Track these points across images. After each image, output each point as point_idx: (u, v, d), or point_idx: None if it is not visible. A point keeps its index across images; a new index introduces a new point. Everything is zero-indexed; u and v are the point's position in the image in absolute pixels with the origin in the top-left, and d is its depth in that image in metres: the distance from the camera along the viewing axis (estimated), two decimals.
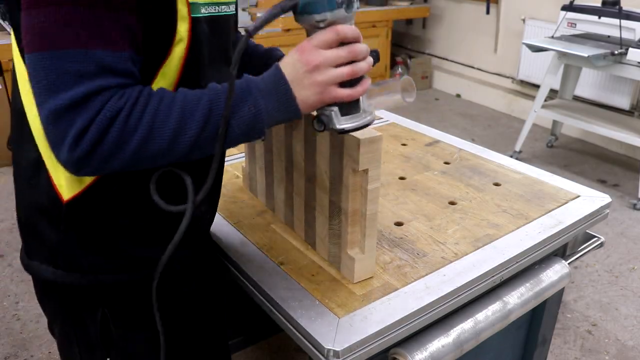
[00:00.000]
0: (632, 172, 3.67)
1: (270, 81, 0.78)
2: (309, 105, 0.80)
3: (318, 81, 0.78)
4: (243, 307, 1.82)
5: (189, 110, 0.74)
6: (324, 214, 1.05)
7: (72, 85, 0.69)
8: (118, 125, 0.71)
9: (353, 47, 0.79)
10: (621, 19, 3.21)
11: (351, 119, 0.83)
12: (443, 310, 1.01)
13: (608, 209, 1.34)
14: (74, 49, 0.69)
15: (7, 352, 2.09)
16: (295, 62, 0.78)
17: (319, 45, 0.78)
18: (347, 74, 0.79)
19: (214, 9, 0.85)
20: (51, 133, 0.71)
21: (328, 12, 0.76)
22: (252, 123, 0.77)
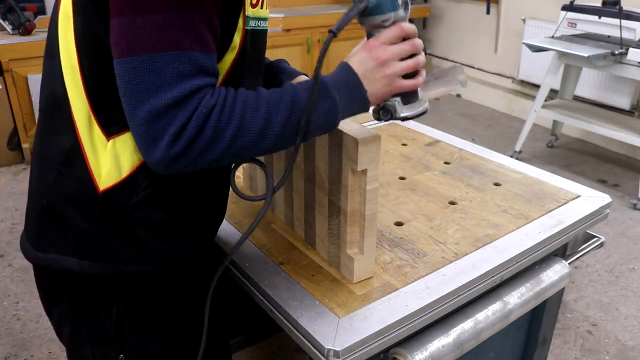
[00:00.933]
0: (633, 172, 3.67)
1: (342, 77, 0.85)
2: (378, 97, 0.88)
3: (388, 74, 0.86)
4: (243, 307, 1.82)
5: (274, 105, 0.80)
6: (323, 213, 1.05)
7: (172, 86, 0.73)
8: (213, 121, 0.76)
9: (414, 41, 0.88)
10: (621, 18, 3.20)
11: (411, 108, 0.92)
12: (443, 310, 1.01)
13: (608, 209, 1.34)
14: (174, 51, 0.73)
15: (7, 352, 2.09)
16: (364, 59, 0.86)
17: (386, 41, 0.86)
18: (412, 66, 0.88)
19: (256, 23, 0.91)
20: (145, 134, 0.75)
21: (392, 12, 0.85)
22: (329, 116, 0.84)
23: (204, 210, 0.99)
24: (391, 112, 0.91)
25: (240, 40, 0.87)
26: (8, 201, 3.23)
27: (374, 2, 0.84)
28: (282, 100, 0.81)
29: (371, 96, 0.87)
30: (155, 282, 0.97)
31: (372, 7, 0.84)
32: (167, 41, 0.73)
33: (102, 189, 0.87)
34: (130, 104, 0.75)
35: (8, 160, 3.73)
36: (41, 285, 1.01)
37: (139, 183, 0.87)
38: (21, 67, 3.49)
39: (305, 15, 4.51)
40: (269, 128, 0.79)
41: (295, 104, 0.81)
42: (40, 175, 0.94)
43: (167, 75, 0.73)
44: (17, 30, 3.52)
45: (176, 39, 0.73)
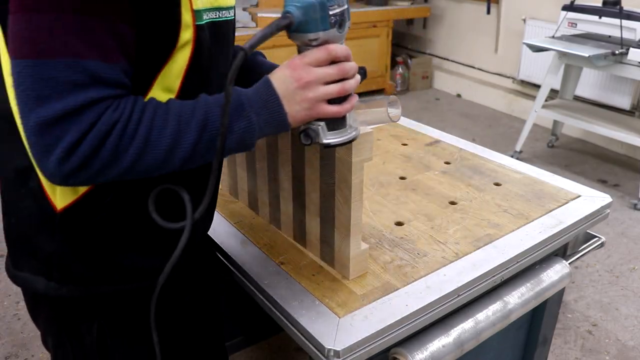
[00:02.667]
0: (633, 172, 3.67)
1: (262, 96, 0.79)
2: (297, 120, 0.82)
3: (309, 97, 0.80)
4: (243, 307, 1.82)
5: (184, 123, 0.74)
6: (314, 212, 1.05)
7: (63, 96, 0.66)
8: (113, 139, 0.69)
9: (343, 65, 0.81)
10: (622, 18, 3.20)
11: (337, 134, 0.86)
12: (443, 310, 1.01)
13: (609, 209, 1.34)
14: (66, 58, 0.66)
15: (7, 352, 2.09)
16: (286, 78, 0.80)
17: (310, 62, 0.80)
18: (336, 91, 0.81)
19: (215, 14, 0.85)
20: (36, 144, 0.68)
21: (321, 32, 0.79)
22: (244, 137, 0.78)
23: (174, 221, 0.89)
24: (311, 137, 0.85)
25: (192, 37, 0.79)
26: None
27: (299, 19, 0.77)
28: (193, 118, 0.75)
29: (291, 118, 0.81)
30: (131, 299, 0.93)
31: (297, 24, 0.78)
32: (58, 46, 0.66)
33: (59, 209, 0.82)
34: (20, 109, 0.68)
35: None
36: (25, 299, 0.99)
37: (100, 200, 0.83)
38: None
39: None
40: (177, 147, 0.74)
41: (207, 123, 0.75)
42: (5, 194, 0.90)
43: (58, 84, 0.66)
44: None
45: (68, 45, 0.66)
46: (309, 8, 0.77)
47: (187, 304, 1.05)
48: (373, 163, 1.53)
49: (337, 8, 0.79)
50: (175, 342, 1.03)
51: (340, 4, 0.79)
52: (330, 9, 0.78)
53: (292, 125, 0.82)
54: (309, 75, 0.79)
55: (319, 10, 0.77)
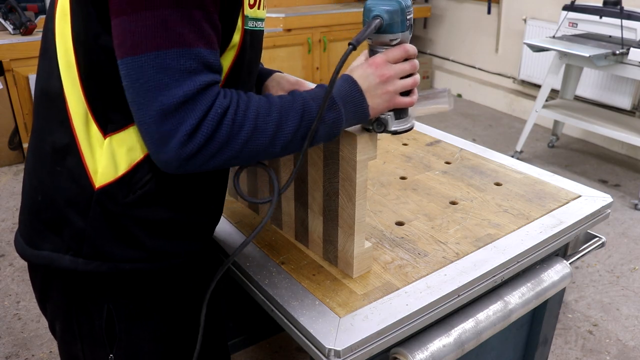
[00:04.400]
0: (634, 172, 3.67)
1: (348, 90, 0.88)
2: (377, 111, 0.92)
3: (389, 90, 0.91)
4: (244, 307, 1.82)
5: (285, 112, 0.82)
6: (317, 211, 1.05)
7: (180, 83, 0.73)
8: (228, 123, 0.76)
9: (414, 62, 0.93)
10: (622, 18, 3.20)
11: (401, 123, 0.97)
12: (444, 310, 1.01)
13: (609, 209, 1.34)
14: (179, 48, 0.73)
15: (8, 352, 2.10)
16: (369, 75, 0.90)
17: (390, 60, 0.91)
18: (410, 84, 0.93)
19: (254, 24, 0.92)
20: (156, 133, 0.74)
21: (400, 33, 0.90)
22: (334, 127, 0.87)
23: (201, 210, 0.99)
24: (384, 125, 0.95)
25: (239, 39, 0.87)
26: (9, 201, 3.23)
27: (387, 21, 0.88)
28: (292, 108, 0.83)
29: (371, 110, 0.90)
30: (149, 280, 0.97)
31: (385, 25, 0.89)
32: (171, 38, 0.72)
33: (97, 187, 0.86)
34: (138, 103, 0.74)
35: (9, 159, 3.73)
36: (35, 282, 1.01)
37: (136, 181, 0.87)
38: (22, 66, 3.50)
39: (306, 15, 4.51)
40: (280, 133, 0.81)
41: (305, 113, 0.83)
42: (35, 171, 0.93)
43: (175, 72, 0.73)
44: (18, 30, 3.52)
45: (180, 36, 0.73)
46: (395, 12, 0.88)
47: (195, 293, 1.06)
48: (373, 163, 1.53)
49: (410, 13, 0.91)
50: (181, 329, 1.04)
51: (412, 10, 0.92)
52: (407, 13, 0.90)
53: (371, 116, 0.92)
54: (390, 71, 0.90)
55: (400, 15, 0.88)
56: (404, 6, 0.89)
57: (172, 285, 1.00)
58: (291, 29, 4.44)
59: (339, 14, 4.68)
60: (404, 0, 0.89)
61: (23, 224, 0.98)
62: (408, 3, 0.90)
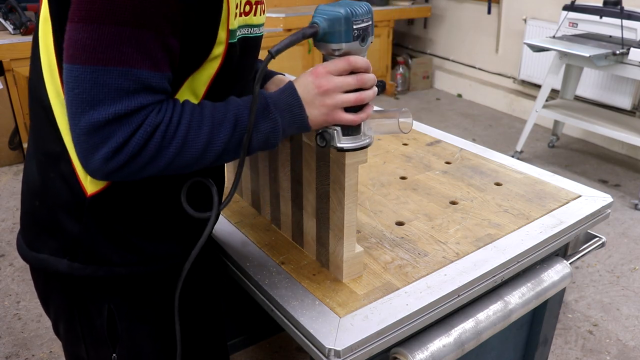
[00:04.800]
0: (634, 172, 3.67)
1: (286, 99, 0.86)
2: (316, 123, 0.88)
3: (327, 104, 0.86)
4: (244, 307, 1.82)
5: (217, 123, 0.81)
6: (311, 213, 1.05)
7: (115, 101, 0.73)
8: (156, 140, 0.76)
9: (362, 76, 0.87)
10: (623, 18, 3.20)
11: (351, 140, 0.91)
12: (444, 309, 1.01)
13: (609, 209, 1.34)
14: (120, 67, 0.72)
15: (8, 352, 2.10)
16: (308, 84, 0.86)
17: (331, 71, 0.86)
18: (353, 100, 0.87)
19: (247, 31, 0.91)
20: (84, 143, 0.74)
21: (343, 43, 0.85)
22: (269, 136, 0.85)
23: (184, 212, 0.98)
24: (326, 140, 0.91)
25: (223, 52, 0.86)
26: (10, 201, 3.23)
27: (325, 29, 0.84)
28: (225, 119, 0.81)
29: (310, 121, 0.88)
30: (147, 282, 0.97)
31: (322, 34, 0.85)
32: (113, 56, 0.72)
33: (89, 193, 0.87)
34: (70, 111, 0.74)
35: (9, 159, 3.73)
36: (37, 283, 1.02)
37: (127, 188, 0.88)
38: (22, 66, 3.50)
39: (306, 15, 4.51)
40: (211, 145, 0.80)
41: (238, 123, 0.82)
42: (31, 175, 0.94)
43: (111, 90, 0.72)
44: (19, 30, 3.52)
45: (123, 55, 0.72)
46: (335, 20, 0.83)
47: (194, 294, 1.06)
48: (374, 163, 1.53)
49: (361, 23, 0.85)
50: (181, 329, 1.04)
51: (365, 20, 0.85)
52: (355, 23, 0.84)
53: (312, 128, 0.89)
54: (329, 83, 0.85)
55: (343, 24, 0.83)
56: (350, 15, 0.83)
57: (170, 285, 1.00)
58: (291, 29, 4.44)
59: None
60: (353, 9, 0.84)
61: (23, 226, 0.98)
62: (358, 12, 0.84)
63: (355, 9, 0.84)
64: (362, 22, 0.85)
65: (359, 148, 0.92)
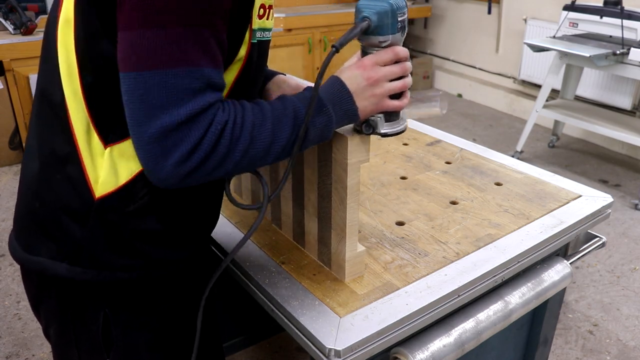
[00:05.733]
0: (634, 173, 3.67)
1: (336, 93, 0.88)
2: (366, 113, 0.91)
3: (376, 93, 0.90)
4: (244, 307, 1.82)
5: (277, 119, 0.82)
6: (312, 213, 1.05)
7: (186, 102, 0.73)
8: (226, 137, 0.77)
9: (405, 65, 0.91)
10: (623, 18, 3.20)
11: (392, 125, 0.96)
12: (444, 309, 1.01)
13: (610, 209, 1.34)
14: (184, 67, 0.72)
15: (8, 352, 2.10)
16: (356, 76, 0.89)
17: (379, 62, 0.89)
18: (399, 87, 0.92)
19: (261, 34, 0.92)
20: (154, 150, 0.73)
21: (390, 35, 0.89)
22: (324, 130, 0.87)
23: (198, 218, 0.99)
24: (373, 127, 0.94)
25: (246, 53, 0.87)
26: (9, 201, 3.23)
27: (375, 23, 0.87)
28: (285, 115, 0.83)
29: (360, 112, 0.90)
30: (147, 287, 0.96)
31: (373, 27, 0.87)
32: (179, 57, 0.72)
33: (98, 197, 0.86)
34: (137, 119, 0.73)
35: (9, 159, 3.73)
36: (28, 285, 1.00)
37: (136, 192, 0.87)
38: (22, 66, 3.50)
39: (307, 15, 4.51)
40: (275, 142, 0.82)
41: (297, 118, 0.84)
42: (33, 177, 0.92)
43: (180, 91, 0.72)
44: (19, 30, 3.52)
45: (187, 55, 0.72)
46: (384, 14, 0.86)
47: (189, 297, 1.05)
48: (374, 163, 1.53)
49: (403, 15, 0.89)
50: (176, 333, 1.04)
51: (405, 12, 0.89)
52: (399, 15, 0.88)
53: (360, 118, 0.91)
54: (378, 73, 0.89)
55: (390, 17, 0.87)
56: (395, 8, 0.87)
57: (170, 291, 0.99)
58: (292, 29, 4.44)
59: (339, 14, 4.68)
60: (396, 2, 0.87)
61: (19, 228, 0.96)
62: (401, 4, 0.88)
63: (398, 1, 0.87)
64: (403, 14, 0.89)
65: (399, 132, 0.97)
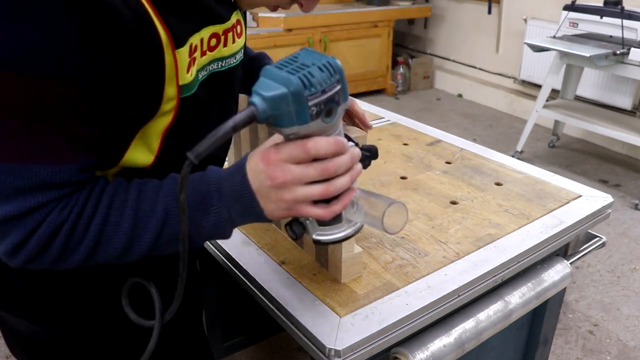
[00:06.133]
0: (634, 173, 3.67)
1: (236, 187, 0.70)
2: (276, 216, 0.71)
3: (285, 199, 0.68)
4: (244, 307, 1.82)
5: (142, 219, 0.69)
6: None
7: (7, 200, 0.65)
8: (60, 239, 0.68)
9: (327, 164, 0.67)
10: (623, 18, 3.20)
11: (330, 229, 0.75)
12: (444, 309, 1.01)
13: (610, 208, 1.34)
14: (11, 162, 0.63)
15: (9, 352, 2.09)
16: (259, 173, 0.69)
17: (286, 160, 0.66)
18: (319, 194, 0.68)
19: (217, 65, 0.80)
20: None
21: (297, 126, 0.63)
22: (215, 231, 0.72)
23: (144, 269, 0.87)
24: (296, 233, 0.75)
25: (175, 107, 0.74)
26: None
27: (266, 113, 0.61)
28: (153, 214, 0.69)
29: (268, 214, 0.71)
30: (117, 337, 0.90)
31: (263, 118, 0.61)
32: (6, 151, 0.63)
33: None
34: None
35: None
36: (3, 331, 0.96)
37: None
38: None
39: (307, 15, 4.51)
40: (135, 243, 0.70)
41: (168, 218, 0.70)
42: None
43: (2, 188, 0.64)
44: None
45: (14, 150, 0.63)
46: (278, 100, 0.60)
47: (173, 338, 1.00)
48: (374, 163, 1.53)
49: (320, 95, 0.61)
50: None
51: (328, 88, 0.62)
52: (310, 98, 0.61)
53: (272, 220, 0.72)
54: (285, 174, 0.66)
55: (292, 103, 0.61)
56: (300, 88, 0.60)
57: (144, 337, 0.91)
58: (292, 29, 4.44)
59: (339, 14, 4.68)
60: (308, 77, 0.60)
61: None
62: (314, 79, 0.60)
63: (310, 75, 0.60)
64: (322, 94, 0.62)
65: (342, 239, 0.75)
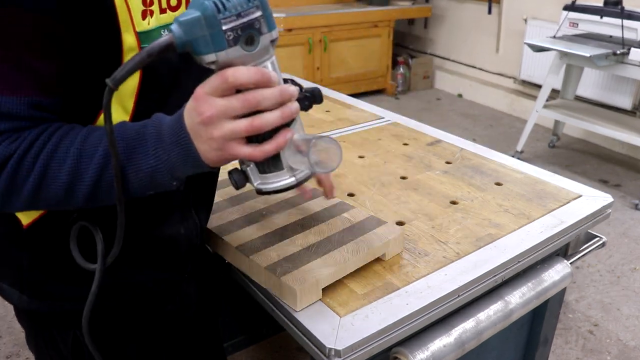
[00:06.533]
0: (634, 173, 3.67)
1: (174, 130, 0.67)
2: (212, 161, 0.67)
3: (215, 136, 0.64)
4: (244, 307, 1.82)
5: (86, 158, 0.68)
6: None
7: None
8: (7, 172, 0.66)
9: (248, 94, 0.63)
10: (623, 18, 3.20)
11: (272, 177, 0.71)
12: (445, 309, 1.01)
13: (610, 208, 1.34)
14: None
15: (9, 351, 2.10)
16: (191, 111, 0.66)
17: (210, 92, 0.64)
18: (244, 128, 0.64)
19: None
20: None
21: (213, 53, 0.62)
22: (153, 177, 0.69)
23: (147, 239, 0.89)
24: (237, 182, 0.71)
25: None
26: None
27: (182, 38, 0.61)
28: (96, 153, 0.68)
29: (204, 158, 0.67)
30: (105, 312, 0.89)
31: (180, 45, 0.62)
32: None
33: (25, 224, 0.81)
34: None
35: None
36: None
37: (60, 218, 0.79)
38: None
39: (307, 15, 4.51)
40: (77, 184, 0.68)
41: (109, 163, 0.67)
42: None
43: None
44: None
45: None
46: (192, 24, 0.60)
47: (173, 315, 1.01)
48: (374, 163, 1.53)
49: (236, 19, 0.61)
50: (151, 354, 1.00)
51: (245, 12, 0.61)
52: (224, 22, 0.60)
53: (211, 166, 0.69)
54: (210, 108, 0.63)
55: (206, 27, 0.60)
56: (212, 10, 0.60)
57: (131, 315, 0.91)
58: (292, 29, 4.44)
59: (339, 13, 4.68)
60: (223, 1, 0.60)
61: None
62: (229, 2, 0.61)
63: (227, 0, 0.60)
64: (238, 18, 0.61)
65: (286, 188, 0.71)
